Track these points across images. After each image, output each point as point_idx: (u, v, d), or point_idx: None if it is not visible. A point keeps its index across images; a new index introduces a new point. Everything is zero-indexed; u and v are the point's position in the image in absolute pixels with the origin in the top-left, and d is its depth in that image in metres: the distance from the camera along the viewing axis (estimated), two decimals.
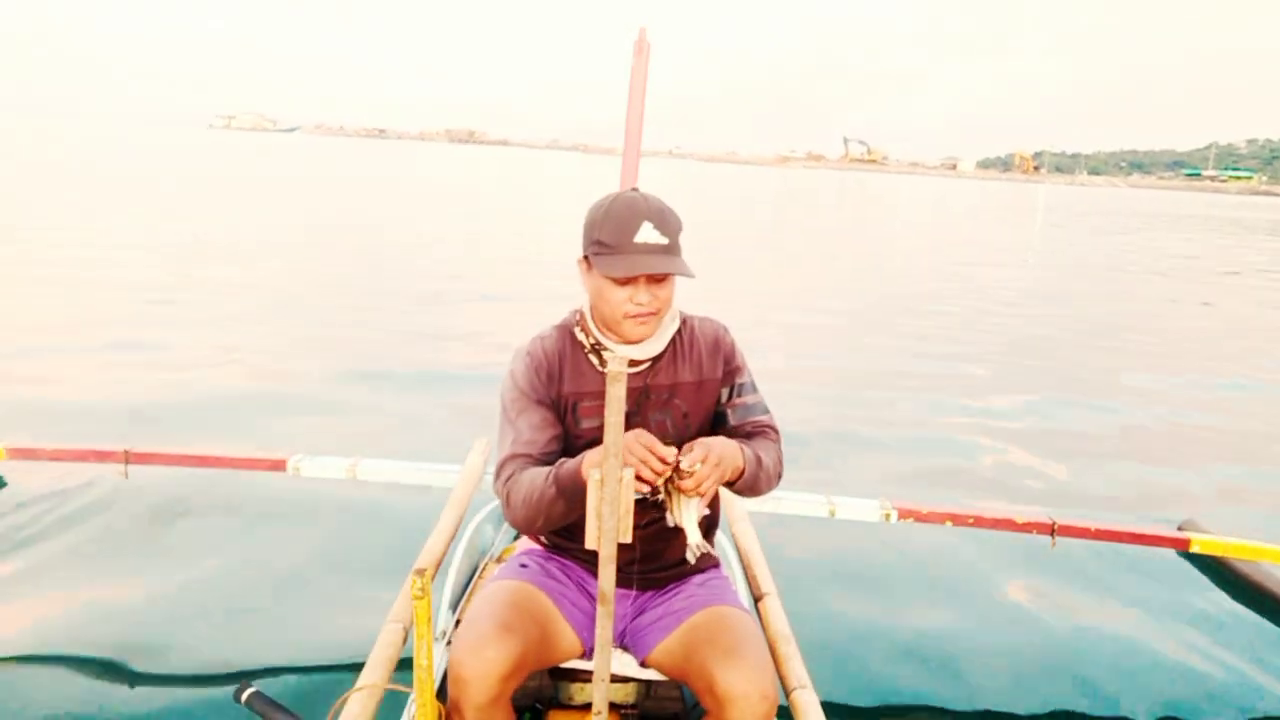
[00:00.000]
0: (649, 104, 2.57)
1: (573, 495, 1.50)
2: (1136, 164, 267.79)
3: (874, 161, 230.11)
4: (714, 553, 1.56)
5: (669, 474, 1.44)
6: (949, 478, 4.46)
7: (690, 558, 1.49)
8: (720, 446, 1.49)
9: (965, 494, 4.19)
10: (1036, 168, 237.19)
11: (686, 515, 1.46)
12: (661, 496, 1.48)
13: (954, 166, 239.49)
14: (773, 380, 6.13)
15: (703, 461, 1.44)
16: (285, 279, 9.58)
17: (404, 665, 1.68)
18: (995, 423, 5.51)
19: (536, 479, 1.56)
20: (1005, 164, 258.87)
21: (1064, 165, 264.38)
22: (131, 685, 2.32)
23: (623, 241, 1.52)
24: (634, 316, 1.57)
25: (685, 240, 1.60)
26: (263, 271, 9.98)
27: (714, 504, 1.81)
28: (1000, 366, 7.26)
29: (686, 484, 1.43)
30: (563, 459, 1.57)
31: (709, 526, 1.81)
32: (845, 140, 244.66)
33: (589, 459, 1.47)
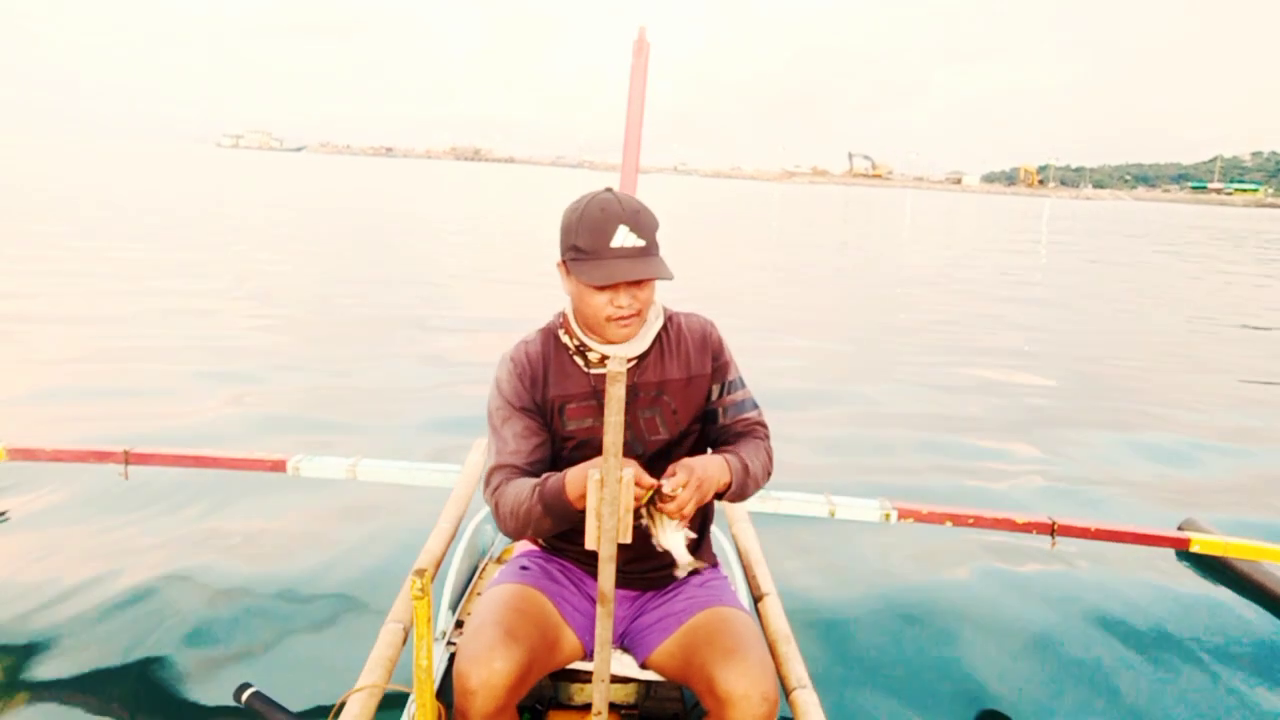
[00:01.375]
0: (651, 118, 2.56)
1: (557, 512, 1.51)
2: (1142, 177, 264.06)
3: (879, 176, 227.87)
4: (698, 561, 1.56)
5: (649, 496, 1.45)
6: (949, 478, 4.45)
7: (679, 575, 1.49)
8: (702, 467, 1.49)
9: (965, 494, 4.19)
10: (1041, 181, 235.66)
11: (671, 538, 1.47)
12: (645, 521, 1.48)
13: (959, 181, 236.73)
14: (775, 380, 6.13)
15: (684, 486, 1.44)
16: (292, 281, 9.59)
17: (404, 665, 1.68)
18: (997, 423, 5.52)
19: (522, 493, 1.55)
20: (1010, 178, 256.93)
21: (1068, 179, 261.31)
22: (132, 685, 2.32)
23: (599, 246, 1.51)
24: (616, 319, 1.56)
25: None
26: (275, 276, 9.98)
27: (708, 505, 1.81)
28: (1003, 367, 7.26)
29: (669, 507, 1.44)
30: (548, 474, 1.56)
31: (703, 528, 1.81)
32: (850, 155, 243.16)
33: (571, 478, 1.48)
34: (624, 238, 1.50)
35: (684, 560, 1.47)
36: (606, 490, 1.28)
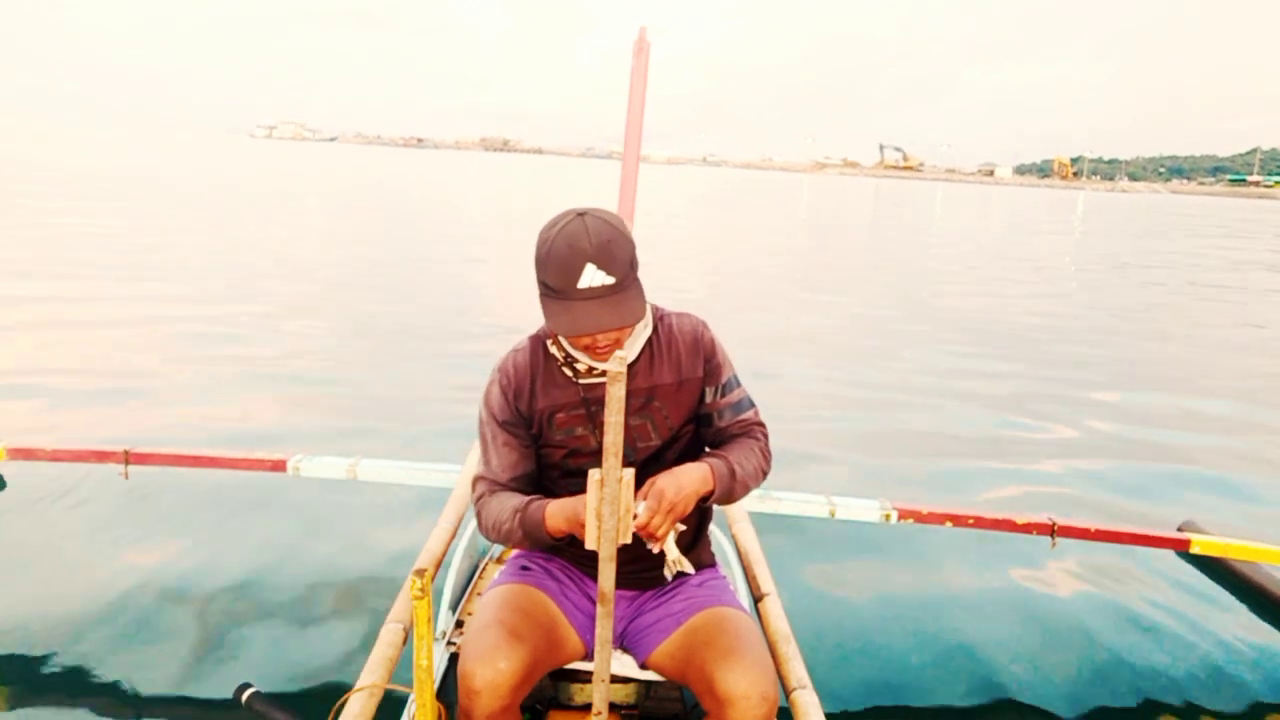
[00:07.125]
0: (680, 109, 2.62)
1: (535, 539, 1.55)
2: (1177, 169, 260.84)
3: (910, 168, 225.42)
4: (684, 561, 1.57)
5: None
6: (949, 478, 4.45)
7: (668, 574, 1.51)
8: (675, 485, 1.48)
9: (965, 494, 4.19)
10: (1075, 174, 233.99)
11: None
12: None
13: (991, 173, 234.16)
14: (776, 378, 6.12)
15: (655, 513, 1.45)
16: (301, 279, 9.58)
17: (404, 665, 1.68)
18: (996, 422, 5.52)
19: (504, 512, 1.59)
20: (1044, 170, 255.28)
21: (1103, 171, 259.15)
22: (132, 685, 2.32)
23: (566, 287, 1.42)
24: (591, 350, 1.54)
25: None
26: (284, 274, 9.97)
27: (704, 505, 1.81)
28: (1003, 366, 7.26)
29: (641, 533, 1.46)
30: (531, 498, 1.58)
31: (701, 527, 1.81)
32: (881, 147, 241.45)
33: (552, 513, 1.51)
34: (591, 276, 1.41)
35: (673, 555, 1.49)
36: (606, 490, 1.28)
